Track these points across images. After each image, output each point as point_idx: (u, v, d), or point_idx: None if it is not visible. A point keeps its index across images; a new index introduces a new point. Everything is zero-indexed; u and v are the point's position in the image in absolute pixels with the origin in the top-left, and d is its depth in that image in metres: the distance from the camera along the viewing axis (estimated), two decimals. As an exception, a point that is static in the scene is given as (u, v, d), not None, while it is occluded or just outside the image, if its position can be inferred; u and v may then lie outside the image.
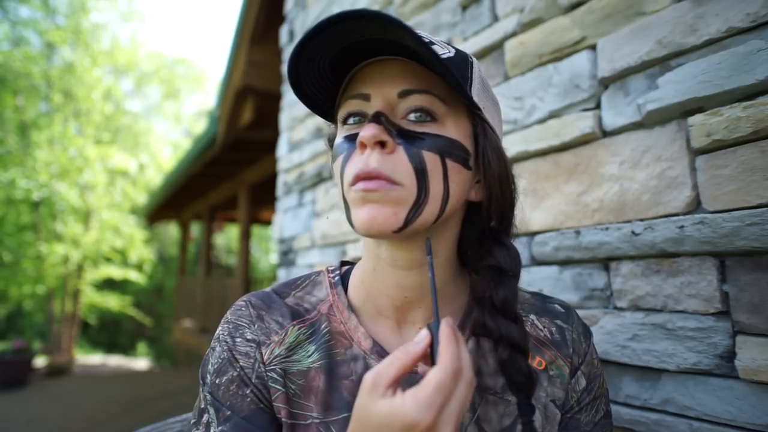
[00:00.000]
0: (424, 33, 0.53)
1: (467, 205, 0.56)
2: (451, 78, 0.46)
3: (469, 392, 0.39)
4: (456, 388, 0.38)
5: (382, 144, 0.47)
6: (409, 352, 0.40)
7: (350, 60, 0.51)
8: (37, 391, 6.36)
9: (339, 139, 0.53)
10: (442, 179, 0.48)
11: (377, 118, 0.48)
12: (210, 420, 0.53)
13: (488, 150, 0.51)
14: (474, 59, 0.55)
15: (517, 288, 0.53)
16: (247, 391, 0.53)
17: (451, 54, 0.51)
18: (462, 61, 0.52)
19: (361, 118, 0.51)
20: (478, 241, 0.55)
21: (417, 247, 0.52)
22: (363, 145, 0.47)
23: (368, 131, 0.46)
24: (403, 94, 0.49)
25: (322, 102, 0.55)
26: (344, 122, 0.52)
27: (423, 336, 0.41)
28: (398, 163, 0.47)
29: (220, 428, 0.52)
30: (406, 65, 0.50)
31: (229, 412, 0.52)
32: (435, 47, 0.49)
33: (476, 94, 0.51)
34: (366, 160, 0.47)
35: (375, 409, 0.38)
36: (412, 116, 0.49)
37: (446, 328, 0.40)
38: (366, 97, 0.50)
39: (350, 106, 0.51)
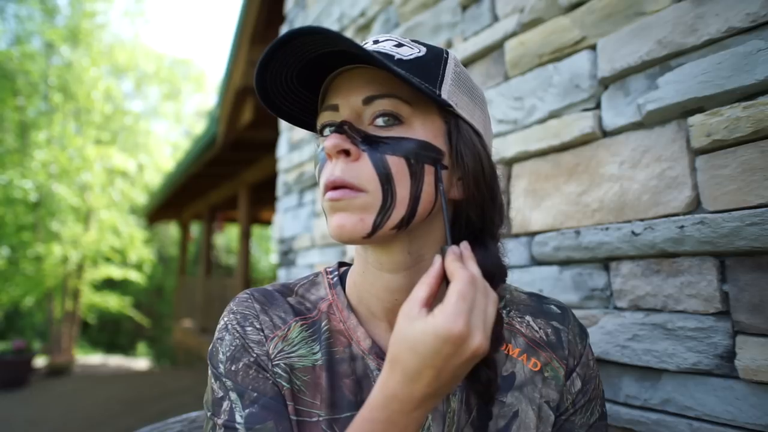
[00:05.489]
0: (394, 36, 0.54)
1: (453, 204, 0.55)
2: (401, 77, 0.46)
3: (487, 302, 0.43)
4: (476, 295, 0.41)
5: (346, 152, 0.49)
6: (430, 274, 0.44)
7: (324, 73, 0.53)
8: (37, 391, 6.35)
9: (318, 149, 0.54)
10: (409, 181, 0.49)
11: (340, 127, 0.49)
12: (233, 406, 0.51)
13: (461, 147, 0.51)
14: (451, 55, 0.55)
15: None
16: (267, 375, 0.53)
17: (421, 53, 0.52)
18: (434, 58, 0.52)
19: (334, 127, 0.52)
20: (462, 240, 0.55)
21: (400, 250, 0.53)
22: (330, 155, 0.49)
23: (330, 141, 0.48)
24: (367, 101, 0.50)
25: (305, 116, 0.57)
26: (321, 133, 0.54)
27: (437, 258, 0.45)
28: (363, 169, 0.48)
29: (247, 411, 0.50)
30: (371, 72, 0.50)
31: (255, 394, 0.51)
32: (403, 48, 0.51)
33: (448, 91, 0.51)
34: (332, 169, 0.49)
35: (411, 331, 0.41)
36: (379, 121, 0.50)
37: (450, 252, 0.45)
38: (335, 108, 0.51)
39: (324, 117, 0.53)
